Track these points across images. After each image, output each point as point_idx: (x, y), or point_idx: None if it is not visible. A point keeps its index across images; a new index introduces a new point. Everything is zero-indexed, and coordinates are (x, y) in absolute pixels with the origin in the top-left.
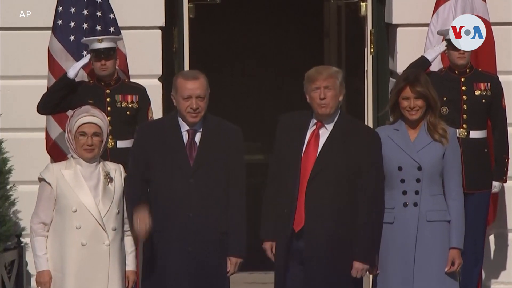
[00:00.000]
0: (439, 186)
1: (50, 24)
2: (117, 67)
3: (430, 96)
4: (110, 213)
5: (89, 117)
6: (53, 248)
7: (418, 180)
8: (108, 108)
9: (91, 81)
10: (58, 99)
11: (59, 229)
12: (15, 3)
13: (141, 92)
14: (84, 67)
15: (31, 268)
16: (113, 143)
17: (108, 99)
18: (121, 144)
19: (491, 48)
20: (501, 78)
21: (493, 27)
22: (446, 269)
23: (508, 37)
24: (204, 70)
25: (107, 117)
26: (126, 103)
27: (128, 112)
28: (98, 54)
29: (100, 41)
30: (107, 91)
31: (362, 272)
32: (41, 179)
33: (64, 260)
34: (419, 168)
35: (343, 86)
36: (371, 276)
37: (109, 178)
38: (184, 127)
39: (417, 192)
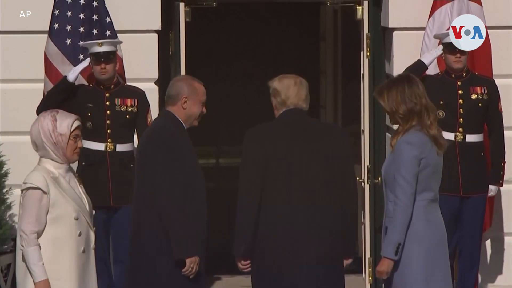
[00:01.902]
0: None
1: (47, 27)
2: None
3: (389, 109)
4: (92, 216)
5: (78, 120)
6: (47, 257)
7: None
8: (108, 112)
9: (91, 85)
10: (58, 103)
11: (55, 237)
12: (13, 7)
13: (140, 96)
14: (82, 70)
15: None
16: (112, 147)
17: (107, 103)
18: (120, 147)
19: (487, 52)
20: (498, 81)
21: (489, 31)
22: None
23: (504, 41)
24: (200, 73)
25: (107, 120)
26: (125, 107)
27: (127, 116)
28: (98, 58)
29: (100, 44)
30: (107, 94)
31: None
32: (33, 188)
33: (64, 269)
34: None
35: (272, 92)
36: (368, 278)
37: (80, 181)
38: None
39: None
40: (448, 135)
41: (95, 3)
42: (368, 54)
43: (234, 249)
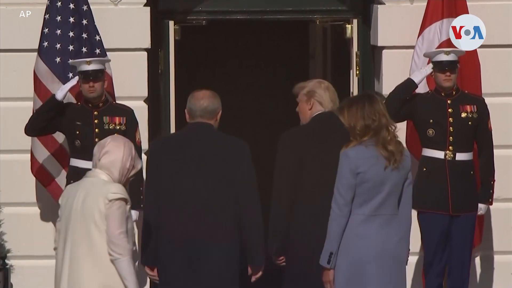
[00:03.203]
0: None
1: (35, 46)
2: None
3: (347, 125)
4: None
5: None
6: None
7: None
8: (96, 130)
9: (79, 103)
10: (46, 121)
11: None
12: (5, 25)
13: (129, 114)
14: (71, 89)
15: None
16: None
17: (96, 121)
18: None
19: (476, 71)
20: (487, 100)
21: (481, 49)
22: None
23: (496, 59)
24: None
25: (95, 138)
26: (114, 125)
27: (115, 134)
28: (86, 76)
29: (89, 63)
30: (95, 113)
31: None
32: (123, 199)
33: None
34: None
35: (310, 94)
36: None
37: None
38: None
39: None
40: (438, 154)
41: (84, 22)
42: (357, 72)
43: (268, 248)
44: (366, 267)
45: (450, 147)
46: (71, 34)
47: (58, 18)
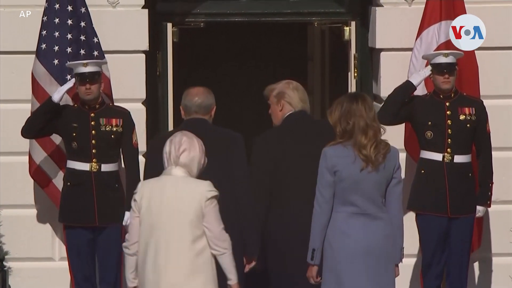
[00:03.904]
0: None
1: (34, 48)
2: (101, 91)
3: (334, 125)
4: None
5: None
6: None
7: None
8: (93, 132)
9: (76, 105)
10: (43, 123)
11: None
12: (4, 27)
13: (125, 115)
14: (68, 91)
15: None
16: (97, 167)
17: (92, 123)
18: (105, 167)
19: (474, 73)
20: (487, 102)
21: (482, 51)
22: None
23: (493, 61)
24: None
25: (92, 140)
26: (110, 127)
27: (112, 136)
28: (83, 78)
29: (85, 65)
30: (92, 114)
31: None
32: (217, 196)
33: None
34: None
35: (279, 96)
36: None
37: None
38: None
39: None
40: (437, 156)
41: (82, 24)
42: (355, 74)
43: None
44: (352, 264)
45: (449, 149)
46: (69, 36)
47: (56, 20)
